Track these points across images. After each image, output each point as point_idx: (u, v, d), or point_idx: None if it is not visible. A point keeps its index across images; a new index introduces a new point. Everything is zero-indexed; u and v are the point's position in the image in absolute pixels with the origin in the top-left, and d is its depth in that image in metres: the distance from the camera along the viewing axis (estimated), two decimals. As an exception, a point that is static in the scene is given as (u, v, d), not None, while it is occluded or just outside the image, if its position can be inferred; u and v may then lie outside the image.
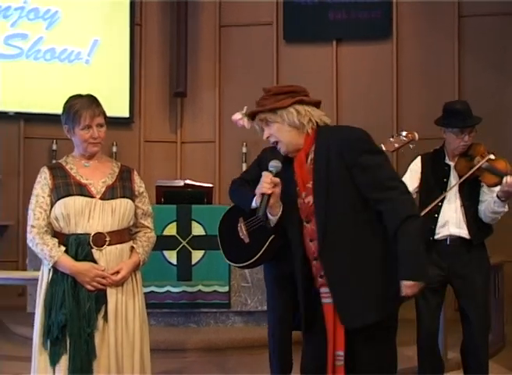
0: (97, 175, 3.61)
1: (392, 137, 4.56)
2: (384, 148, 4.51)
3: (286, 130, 3.26)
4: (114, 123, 7.78)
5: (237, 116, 3.41)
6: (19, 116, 7.83)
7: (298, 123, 3.25)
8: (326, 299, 3.24)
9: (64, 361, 3.42)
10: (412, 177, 4.62)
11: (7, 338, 6.57)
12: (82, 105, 3.56)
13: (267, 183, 3.25)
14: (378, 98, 8.09)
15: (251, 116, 3.38)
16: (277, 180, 3.26)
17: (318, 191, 3.21)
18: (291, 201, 3.32)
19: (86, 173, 3.60)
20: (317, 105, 3.35)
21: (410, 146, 4.56)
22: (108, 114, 3.70)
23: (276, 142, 3.30)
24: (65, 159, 3.68)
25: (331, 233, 3.19)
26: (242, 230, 4.23)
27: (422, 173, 4.61)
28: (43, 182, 3.57)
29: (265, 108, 3.27)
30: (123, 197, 3.58)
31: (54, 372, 3.44)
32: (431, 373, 4.62)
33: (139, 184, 3.71)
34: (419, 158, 4.67)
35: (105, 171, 3.64)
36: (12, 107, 7.78)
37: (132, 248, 3.63)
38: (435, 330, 4.60)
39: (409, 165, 4.73)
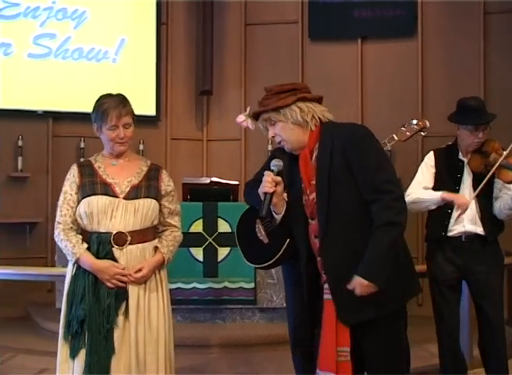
0: (124, 174, 3.65)
1: (404, 126, 4.55)
2: (396, 138, 4.51)
3: (289, 129, 3.28)
4: (141, 121, 7.77)
5: (241, 118, 3.43)
6: (48, 114, 7.91)
7: (302, 120, 3.27)
8: (327, 295, 3.27)
9: (82, 355, 3.48)
10: (429, 171, 4.59)
11: (36, 333, 6.66)
12: (110, 105, 3.62)
13: (268, 182, 3.29)
14: (402, 96, 8.07)
15: (255, 116, 3.40)
16: (278, 178, 3.30)
17: (320, 189, 3.24)
18: (297, 198, 3.35)
19: (113, 171, 3.65)
20: (319, 100, 3.37)
21: (422, 134, 4.54)
22: (135, 112, 3.76)
23: (281, 141, 3.33)
24: (95, 157, 3.74)
25: (332, 232, 3.21)
26: (260, 231, 4.23)
27: (436, 167, 4.60)
28: (71, 179, 3.64)
29: (268, 108, 3.30)
30: (147, 197, 3.61)
31: (73, 364, 3.50)
32: (454, 371, 4.61)
33: (166, 183, 3.73)
34: (432, 152, 4.64)
35: (132, 170, 3.68)
36: (40, 106, 7.87)
37: (156, 247, 3.67)
38: (456, 326, 4.59)
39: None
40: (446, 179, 4.54)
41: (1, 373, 5.44)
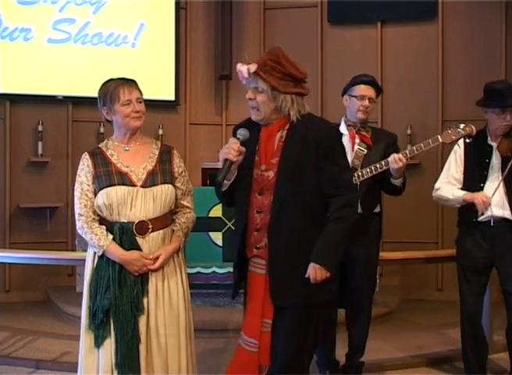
0: (138, 160, 3.62)
1: (450, 129, 4.52)
2: (440, 140, 4.47)
3: (270, 107, 3.34)
4: (160, 105, 7.89)
5: (244, 71, 3.36)
6: (68, 99, 7.93)
7: (286, 110, 3.33)
8: (258, 269, 3.39)
9: (108, 344, 3.49)
10: (457, 160, 4.59)
11: (57, 317, 6.72)
12: (117, 84, 3.62)
13: (234, 149, 3.29)
14: (423, 80, 8.00)
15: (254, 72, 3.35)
16: (243, 149, 3.31)
17: (283, 169, 3.30)
18: (246, 169, 3.37)
19: (126, 158, 3.62)
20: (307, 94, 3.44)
21: (467, 140, 4.51)
22: (154, 97, 3.77)
23: (254, 107, 3.36)
24: (106, 144, 3.70)
25: (284, 211, 3.29)
26: None
27: (465, 154, 4.58)
28: (86, 169, 3.61)
29: (269, 83, 3.30)
30: (164, 183, 3.61)
31: (98, 353, 3.51)
32: (475, 355, 4.61)
33: (178, 164, 3.72)
34: (461, 139, 4.63)
35: (145, 155, 3.66)
36: (60, 91, 7.88)
37: (172, 230, 3.67)
38: (478, 312, 4.58)
39: None
40: (475, 165, 4.52)
41: (23, 355, 5.49)
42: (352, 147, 4.55)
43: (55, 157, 7.90)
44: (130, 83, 3.65)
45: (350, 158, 4.50)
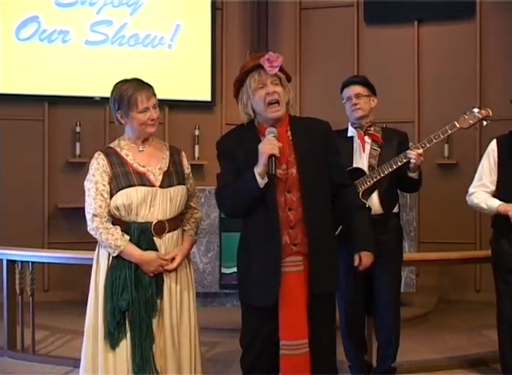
0: (153, 160, 3.63)
1: (465, 114, 4.48)
2: (458, 126, 4.43)
3: (285, 100, 3.46)
4: (196, 106, 7.92)
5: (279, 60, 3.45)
6: (105, 100, 7.91)
7: (291, 101, 3.50)
8: (294, 267, 3.41)
9: (124, 346, 3.50)
10: (490, 162, 4.51)
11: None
12: (135, 89, 3.60)
13: (276, 145, 3.35)
14: (460, 79, 7.94)
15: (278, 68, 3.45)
16: (280, 144, 3.38)
17: (303, 164, 3.42)
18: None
19: (142, 158, 3.62)
20: None
21: (484, 123, 4.46)
22: (190, 97, 3.79)
23: (276, 101, 3.43)
24: (118, 144, 3.68)
25: (314, 203, 3.42)
26: None
27: (499, 156, 4.51)
28: (101, 169, 3.60)
29: (285, 71, 3.48)
30: (179, 184, 3.63)
31: (115, 355, 3.53)
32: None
33: (187, 166, 3.76)
34: (494, 140, 4.55)
35: (158, 155, 3.67)
36: (97, 92, 7.94)
37: (183, 231, 3.71)
38: None
39: None
40: (510, 166, 4.45)
41: (62, 354, 5.55)
42: (363, 147, 4.50)
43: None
44: (147, 88, 3.62)
45: (363, 158, 4.47)
